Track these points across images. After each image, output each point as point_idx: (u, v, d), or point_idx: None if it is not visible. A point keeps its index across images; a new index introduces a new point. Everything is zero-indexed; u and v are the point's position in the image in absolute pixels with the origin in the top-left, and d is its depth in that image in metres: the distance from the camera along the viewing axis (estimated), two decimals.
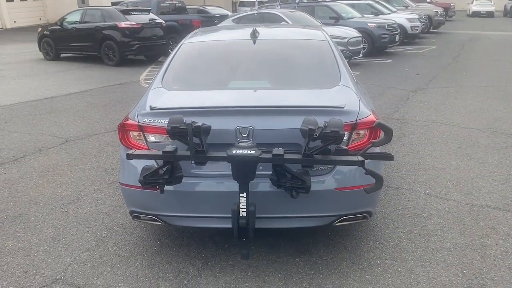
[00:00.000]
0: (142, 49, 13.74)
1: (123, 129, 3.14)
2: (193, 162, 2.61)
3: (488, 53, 15.95)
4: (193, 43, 4.05)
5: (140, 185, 2.76)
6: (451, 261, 3.31)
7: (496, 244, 3.52)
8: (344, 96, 3.18)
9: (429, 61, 14.37)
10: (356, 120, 2.99)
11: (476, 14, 35.07)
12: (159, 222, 3.13)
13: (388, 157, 2.66)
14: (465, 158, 5.47)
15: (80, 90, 10.17)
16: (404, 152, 5.71)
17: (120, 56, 13.47)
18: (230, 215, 2.75)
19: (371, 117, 3.07)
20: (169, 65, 3.66)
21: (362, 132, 3.03)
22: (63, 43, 14.62)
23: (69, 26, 14.36)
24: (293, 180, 2.63)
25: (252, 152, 2.57)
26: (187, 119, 2.60)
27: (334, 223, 3.08)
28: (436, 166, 5.20)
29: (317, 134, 2.46)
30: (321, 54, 3.75)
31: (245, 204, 2.67)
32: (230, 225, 2.78)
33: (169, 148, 2.63)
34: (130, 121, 3.13)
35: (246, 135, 2.84)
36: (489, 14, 34.85)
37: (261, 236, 3.59)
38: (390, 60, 14.23)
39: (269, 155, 2.58)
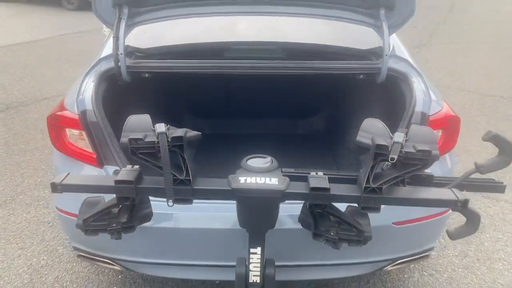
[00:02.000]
0: None
1: (56, 124, 1.96)
2: (169, 202, 1.49)
3: (483, 2, 14.87)
4: None
5: None
6: None
7: None
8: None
9: (423, 12, 13.16)
10: (428, 115, 1.92)
11: None
12: (117, 267, 2.04)
13: (498, 188, 1.62)
14: None
15: (32, 39, 8.66)
16: None
17: None
18: (228, 264, 1.70)
19: (447, 110, 1.99)
20: None
21: None
22: None
23: None
24: (342, 226, 1.55)
25: (274, 182, 1.46)
26: (159, 125, 1.43)
27: (385, 269, 2.07)
28: (469, 149, 4.22)
29: (394, 157, 1.36)
30: None
31: (258, 265, 1.60)
32: (228, 277, 1.72)
33: (125, 174, 1.49)
34: (67, 112, 1.95)
35: None
36: None
37: None
38: None
39: (304, 188, 1.48)
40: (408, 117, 1.94)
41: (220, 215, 1.85)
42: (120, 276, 2.54)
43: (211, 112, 3.26)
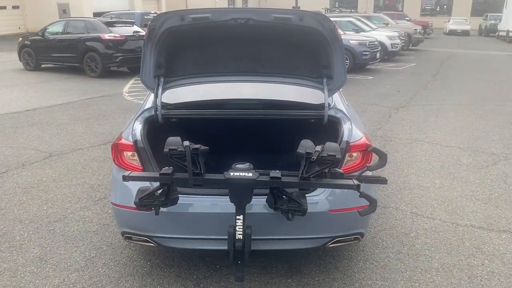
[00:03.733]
0: (125, 61, 13.66)
1: (117, 149, 3.12)
2: (191, 184, 2.62)
3: (465, 71, 16.38)
4: None
5: (133, 206, 2.75)
6: (439, 281, 3.37)
7: (482, 264, 3.60)
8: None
9: (409, 78, 14.67)
10: (349, 142, 3.06)
11: (453, 33, 36.00)
12: (152, 243, 3.11)
13: (382, 181, 2.72)
14: (449, 177, 5.59)
15: (62, 102, 10.02)
16: (389, 170, 5.81)
17: (103, 67, 13.38)
18: (225, 237, 2.76)
19: (364, 140, 3.13)
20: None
21: (354, 154, 3.09)
22: (44, 54, 14.44)
23: (51, 37, 14.20)
24: (290, 203, 2.65)
25: (250, 174, 2.60)
26: (185, 142, 2.60)
27: (327, 245, 3.11)
28: (421, 185, 5.31)
29: (314, 158, 2.50)
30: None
31: (241, 227, 2.68)
32: (225, 247, 2.78)
33: (166, 170, 2.63)
34: (124, 141, 3.12)
35: None
36: (465, 33, 35.83)
37: (253, 257, 3.59)
38: (371, 77, 14.48)
39: (266, 178, 2.60)
40: (339, 143, 3.08)
41: (220, 204, 2.95)
42: (149, 262, 3.58)
43: (214, 145, 4.43)
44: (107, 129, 7.64)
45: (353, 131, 3.16)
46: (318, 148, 2.56)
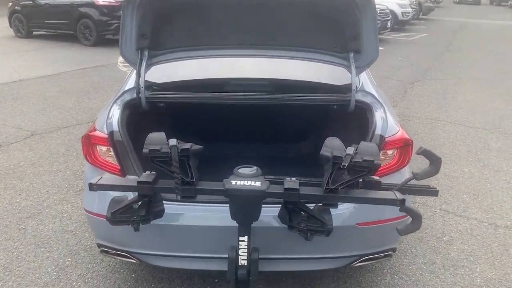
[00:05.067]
0: None
1: (88, 142, 2.47)
2: (178, 197, 1.98)
3: (479, 42, 15.57)
4: None
5: None
6: None
7: None
8: None
9: (421, 49, 13.88)
10: (384, 137, 2.40)
11: (463, 1, 34.66)
12: (133, 260, 2.50)
13: (432, 192, 2.07)
14: (478, 165, 4.94)
15: (53, 73, 9.31)
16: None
17: (97, 35, 12.59)
18: (225, 255, 2.15)
19: (401, 134, 2.47)
20: None
21: (390, 152, 2.43)
22: (36, 20, 13.62)
23: (43, 2, 13.29)
24: (310, 220, 2.01)
25: (258, 184, 1.95)
26: (171, 140, 1.94)
27: (352, 265, 2.50)
28: (448, 174, 4.66)
29: (345, 165, 1.84)
30: None
31: (246, 251, 2.05)
32: (225, 268, 2.17)
33: (146, 176, 1.98)
34: (98, 132, 2.46)
35: None
36: (476, 2, 34.49)
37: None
38: (382, 48, 13.46)
39: (280, 189, 1.96)
40: (369, 138, 2.41)
41: (217, 215, 2.32)
42: (133, 275, 2.98)
43: (210, 136, 3.77)
44: (98, 104, 6.94)
45: (388, 122, 2.49)
46: (350, 150, 1.89)
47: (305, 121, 3.61)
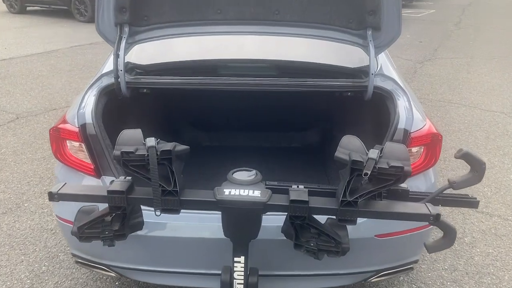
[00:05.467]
0: None
1: (57, 136, 2.08)
2: (157, 211, 1.59)
3: (490, 19, 14.96)
4: None
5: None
6: None
7: None
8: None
9: (430, 26, 13.33)
10: (409, 132, 2.00)
11: None
12: (112, 273, 2.14)
13: (471, 203, 1.69)
14: (498, 153, 4.55)
15: (44, 51, 8.89)
16: None
17: (93, 11, 12.02)
18: (217, 272, 1.79)
19: (429, 127, 2.07)
20: None
21: (415, 150, 2.04)
22: None
23: None
24: (321, 237, 1.63)
25: (257, 194, 1.56)
26: (149, 139, 1.54)
27: (369, 280, 2.14)
28: (466, 164, 4.26)
29: (368, 172, 1.45)
30: None
31: (242, 273, 1.69)
32: (217, 285, 1.81)
33: (119, 183, 1.60)
34: (68, 125, 2.07)
35: None
36: None
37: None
38: None
39: (284, 200, 1.57)
40: (391, 134, 2.02)
41: (209, 225, 1.95)
42: (117, 283, 2.63)
43: (210, 125, 3.38)
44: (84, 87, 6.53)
45: (413, 113, 2.09)
46: (373, 153, 1.49)
47: (313, 112, 3.21)
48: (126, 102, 2.42)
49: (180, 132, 3.37)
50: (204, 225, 1.96)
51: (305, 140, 3.37)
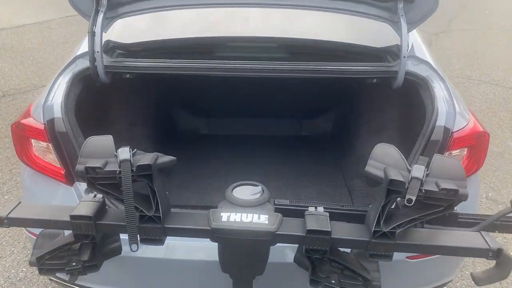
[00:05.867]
0: None
1: (20, 134, 1.72)
2: (133, 246, 1.23)
3: None
4: None
5: None
6: None
7: None
8: None
9: None
10: (451, 131, 1.63)
11: None
12: None
13: None
14: None
15: (37, 21, 8.40)
16: None
17: None
18: None
19: (474, 125, 1.69)
20: None
21: (456, 152, 1.67)
22: None
23: None
24: (345, 273, 1.28)
25: (263, 220, 1.20)
26: (122, 150, 1.17)
27: None
28: (491, 150, 3.89)
29: (412, 198, 1.08)
30: None
31: None
32: None
33: (84, 206, 1.24)
34: (32, 120, 1.70)
35: None
36: None
37: None
38: None
39: (298, 229, 1.21)
40: (428, 133, 1.64)
41: (204, 245, 1.60)
42: None
43: (209, 111, 3.00)
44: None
45: (455, 107, 1.70)
46: (418, 171, 1.12)
47: (331, 102, 2.81)
48: (107, 90, 2.03)
49: (174, 119, 2.99)
50: (198, 244, 1.61)
51: (316, 128, 2.99)
